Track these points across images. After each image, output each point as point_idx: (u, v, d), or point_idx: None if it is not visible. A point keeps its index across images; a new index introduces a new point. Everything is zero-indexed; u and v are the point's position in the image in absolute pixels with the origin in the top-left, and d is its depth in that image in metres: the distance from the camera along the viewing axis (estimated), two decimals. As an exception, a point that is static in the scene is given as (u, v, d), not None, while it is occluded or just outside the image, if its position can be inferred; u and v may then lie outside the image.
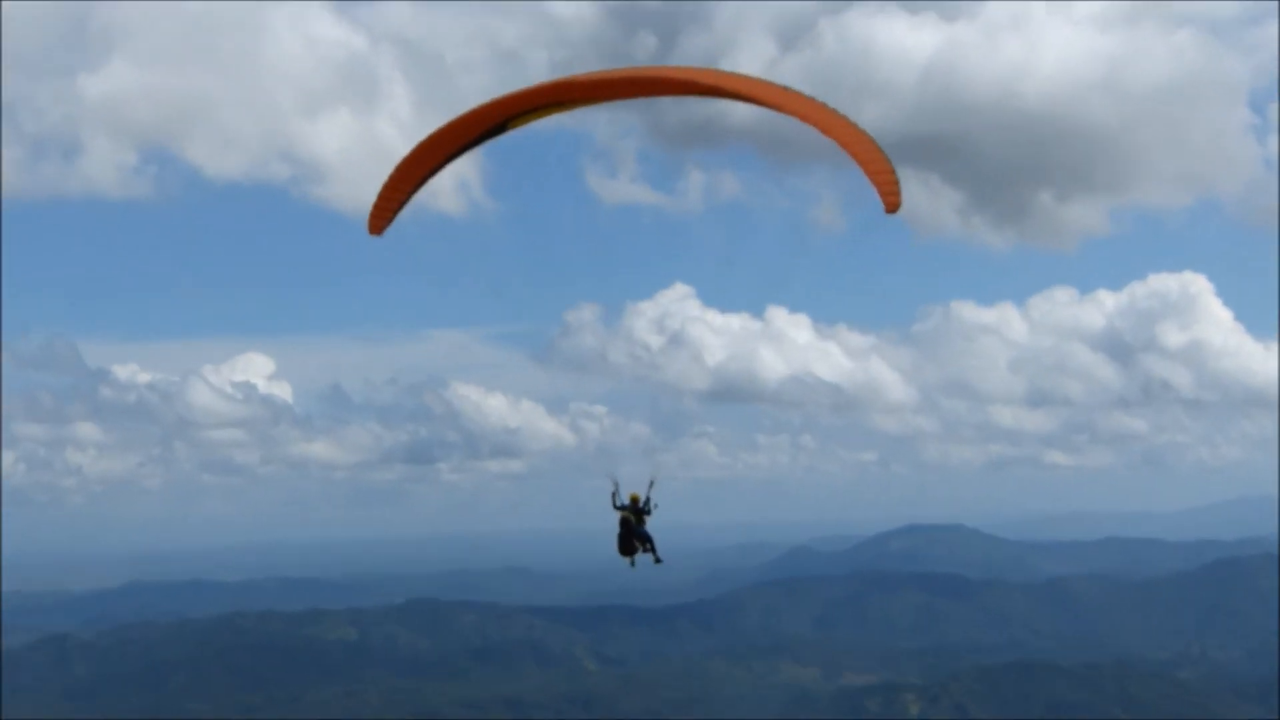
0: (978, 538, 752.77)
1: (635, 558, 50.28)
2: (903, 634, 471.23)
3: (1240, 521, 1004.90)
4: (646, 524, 50.27)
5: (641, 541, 50.09)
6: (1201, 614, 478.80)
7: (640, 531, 49.96)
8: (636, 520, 49.97)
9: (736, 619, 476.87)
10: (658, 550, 50.27)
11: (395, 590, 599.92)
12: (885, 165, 42.32)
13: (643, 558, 51.07)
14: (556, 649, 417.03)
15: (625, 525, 49.75)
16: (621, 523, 49.75)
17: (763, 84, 43.55)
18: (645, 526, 50.12)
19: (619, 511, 49.85)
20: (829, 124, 42.47)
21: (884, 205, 42.52)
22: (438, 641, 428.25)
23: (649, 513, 50.01)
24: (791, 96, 43.02)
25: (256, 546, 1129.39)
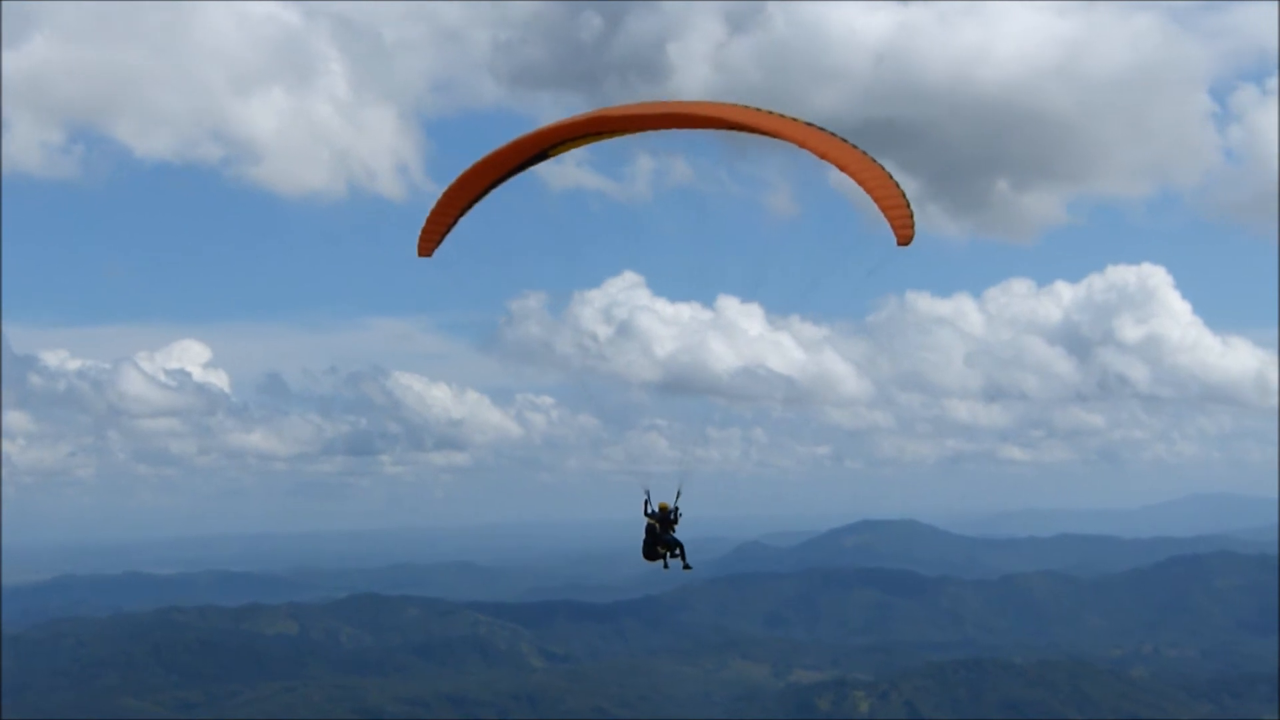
0: (931, 534, 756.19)
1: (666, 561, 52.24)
2: (854, 631, 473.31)
3: (1196, 519, 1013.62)
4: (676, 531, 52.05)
5: (668, 547, 51.82)
6: (1156, 612, 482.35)
7: (667, 538, 51.64)
8: (664, 528, 51.58)
9: (685, 615, 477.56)
10: (686, 557, 52.25)
11: (337, 585, 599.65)
12: (900, 200, 43.59)
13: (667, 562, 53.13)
14: (501, 645, 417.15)
15: (650, 532, 51.60)
16: (647, 529, 51.61)
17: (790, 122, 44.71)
18: (674, 534, 51.92)
19: (648, 519, 51.66)
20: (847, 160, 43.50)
21: (896, 238, 43.79)
22: (380, 637, 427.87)
23: (677, 520, 51.66)
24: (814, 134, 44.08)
25: (193, 539, 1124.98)
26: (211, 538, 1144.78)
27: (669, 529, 51.67)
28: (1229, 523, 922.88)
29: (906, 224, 43.73)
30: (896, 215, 43.70)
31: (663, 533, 51.64)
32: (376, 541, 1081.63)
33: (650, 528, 51.73)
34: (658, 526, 51.65)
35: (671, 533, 51.73)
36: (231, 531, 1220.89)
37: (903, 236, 43.85)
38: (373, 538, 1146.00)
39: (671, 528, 51.69)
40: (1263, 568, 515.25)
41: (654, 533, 51.64)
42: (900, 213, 43.70)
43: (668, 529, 51.65)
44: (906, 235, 43.82)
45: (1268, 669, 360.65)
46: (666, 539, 51.75)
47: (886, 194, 43.72)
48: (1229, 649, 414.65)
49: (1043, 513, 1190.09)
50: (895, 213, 43.65)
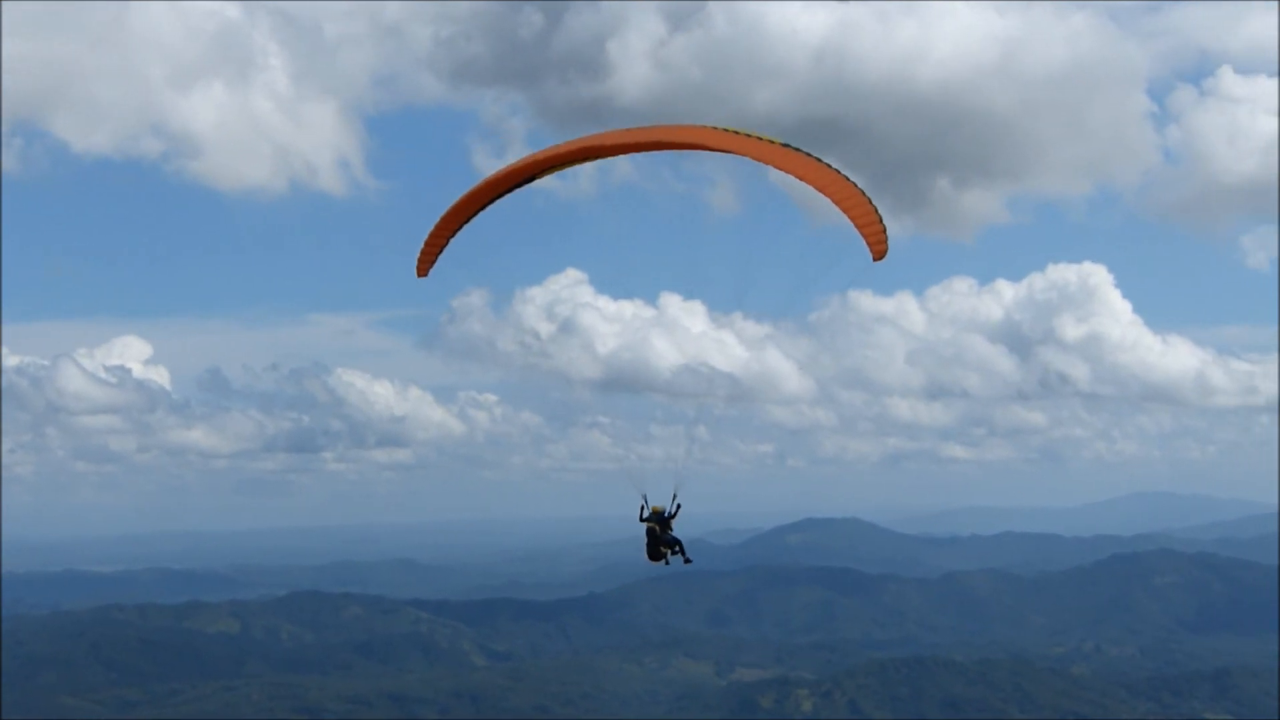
0: (874, 532, 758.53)
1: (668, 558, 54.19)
2: (797, 629, 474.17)
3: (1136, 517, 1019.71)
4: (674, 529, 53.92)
5: (669, 547, 53.71)
6: (1097, 610, 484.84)
7: (667, 538, 53.55)
8: (662, 529, 53.45)
9: (628, 613, 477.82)
10: (686, 551, 54.18)
11: (277, 582, 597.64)
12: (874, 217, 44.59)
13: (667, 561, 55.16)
14: (443, 643, 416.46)
15: (651, 535, 53.44)
16: (648, 533, 53.41)
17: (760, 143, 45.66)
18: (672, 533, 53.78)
19: (645, 523, 53.52)
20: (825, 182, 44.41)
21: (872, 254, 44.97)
22: (321, 635, 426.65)
23: (674, 516, 53.41)
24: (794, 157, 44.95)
25: (133, 537, 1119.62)
26: (152, 535, 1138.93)
27: (668, 529, 53.40)
28: (1169, 521, 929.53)
29: (881, 239, 45.07)
30: (871, 232, 44.90)
31: (663, 534, 53.44)
32: (318, 539, 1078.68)
33: (651, 531, 53.49)
34: (658, 529, 53.42)
35: (670, 532, 53.45)
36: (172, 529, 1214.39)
37: (878, 252, 45.20)
38: (314, 535, 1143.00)
39: (669, 527, 53.37)
40: (1202, 566, 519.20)
41: (655, 535, 53.47)
42: (875, 229, 44.85)
43: (667, 529, 53.39)
44: (881, 250, 45.17)
45: (1207, 667, 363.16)
46: (667, 539, 53.54)
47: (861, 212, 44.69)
48: (1169, 647, 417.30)
49: (985, 511, 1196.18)
50: (870, 230, 44.80)
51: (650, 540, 53.66)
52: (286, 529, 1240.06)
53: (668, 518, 53.41)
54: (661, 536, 53.62)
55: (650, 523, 53.50)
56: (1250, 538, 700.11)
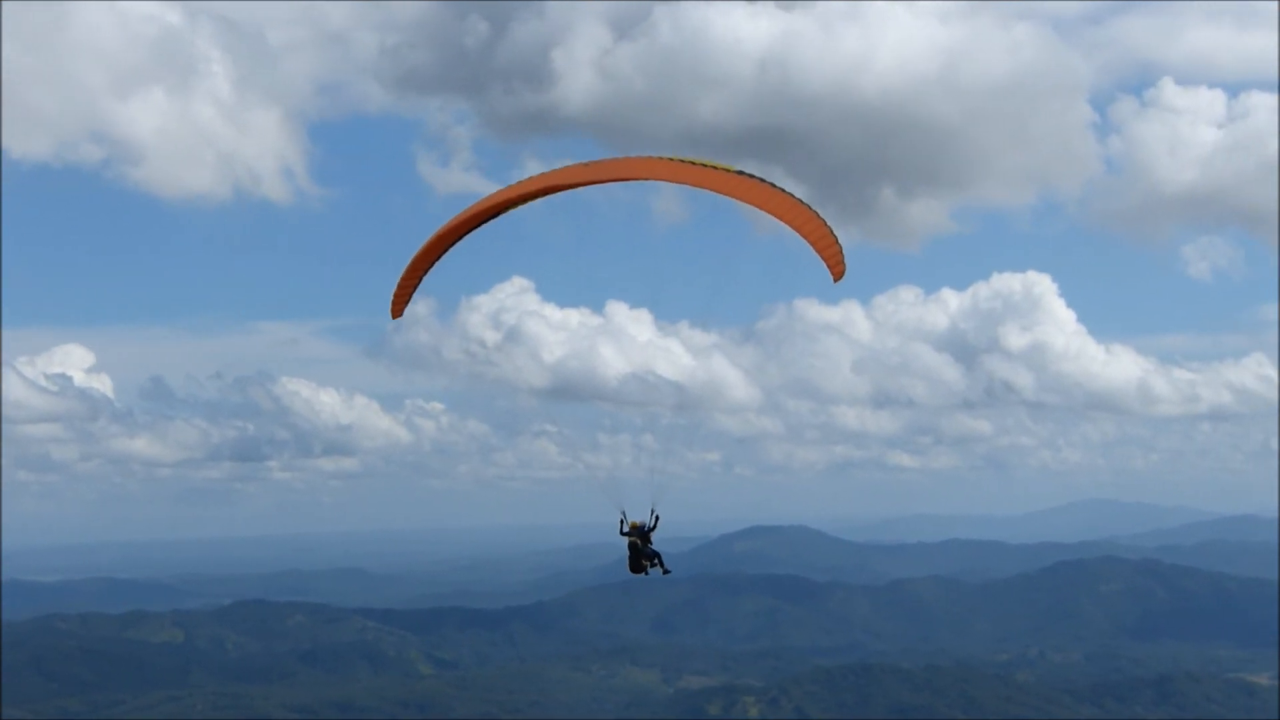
0: (821, 540, 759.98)
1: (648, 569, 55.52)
2: (744, 636, 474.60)
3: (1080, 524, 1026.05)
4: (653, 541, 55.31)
5: (649, 559, 55.19)
6: (1041, 616, 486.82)
7: (647, 551, 54.99)
8: (643, 541, 54.89)
9: (575, 621, 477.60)
10: (665, 563, 55.57)
11: (222, 592, 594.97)
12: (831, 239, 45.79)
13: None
14: (389, 652, 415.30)
15: (633, 549, 54.83)
16: (629, 547, 54.82)
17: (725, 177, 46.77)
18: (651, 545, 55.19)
19: (625, 538, 54.91)
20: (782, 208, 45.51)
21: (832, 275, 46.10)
22: (266, 644, 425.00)
23: (654, 529, 54.88)
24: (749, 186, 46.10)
25: (76, 547, 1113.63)
26: (95, 545, 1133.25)
27: (648, 542, 54.79)
28: (1112, 528, 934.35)
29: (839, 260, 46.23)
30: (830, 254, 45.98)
31: (644, 546, 54.78)
32: (263, 548, 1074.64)
33: (632, 545, 54.81)
34: (639, 543, 54.73)
35: (649, 544, 54.88)
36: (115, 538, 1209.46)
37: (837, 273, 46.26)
38: (260, 544, 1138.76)
39: (649, 540, 54.78)
40: (1145, 573, 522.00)
41: (637, 549, 54.81)
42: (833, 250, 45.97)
43: (647, 542, 54.80)
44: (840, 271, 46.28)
45: (1150, 673, 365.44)
46: (647, 552, 54.95)
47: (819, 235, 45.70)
48: (1112, 653, 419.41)
49: (931, 518, 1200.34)
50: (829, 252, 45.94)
51: (632, 554, 55.04)
52: (231, 538, 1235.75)
53: (648, 531, 54.79)
54: (643, 550, 54.94)
55: (631, 537, 54.80)
56: (1193, 545, 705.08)
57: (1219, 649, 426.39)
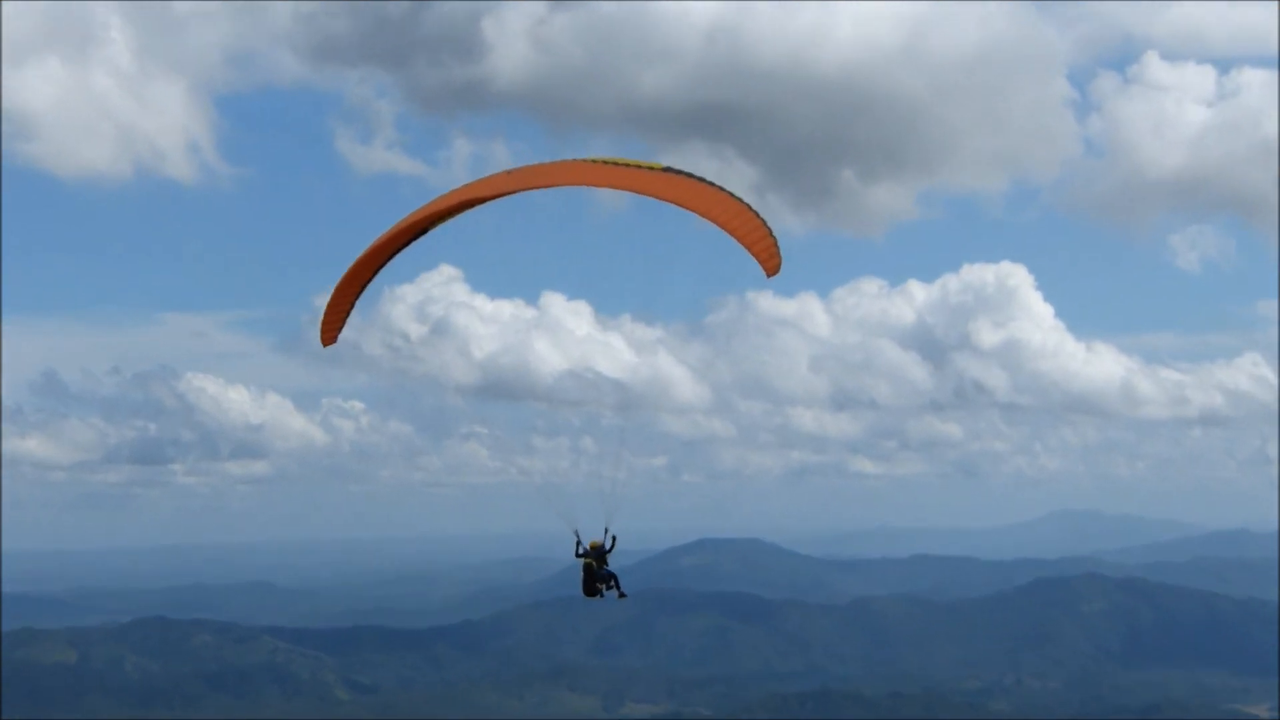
0: (776, 554, 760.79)
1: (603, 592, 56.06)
2: (692, 660, 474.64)
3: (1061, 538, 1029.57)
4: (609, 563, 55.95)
5: (604, 581, 55.87)
6: (1018, 639, 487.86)
7: (602, 573, 55.68)
8: (599, 563, 55.57)
9: (507, 642, 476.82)
10: (621, 586, 56.23)
11: (121, 608, 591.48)
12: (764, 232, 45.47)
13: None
14: (303, 675, 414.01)
15: (587, 570, 55.63)
16: (584, 569, 55.64)
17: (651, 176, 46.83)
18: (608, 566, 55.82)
19: (581, 559, 55.65)
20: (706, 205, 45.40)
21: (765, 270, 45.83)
22: (168, 665, 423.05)
23: (610, 550, 55.59)
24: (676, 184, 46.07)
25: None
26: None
27: (603, 564, 55.49)
28: (1096, 543, 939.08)
29: (772, 253, 45.86)
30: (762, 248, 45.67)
31: (599, 569, 55.45)
32: (166, 560, 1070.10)
33: (588, 567, 55.58)
34: (595, 564, 55.43)
35: (605, 566, 55.57)
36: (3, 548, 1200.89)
37: (771, 267, 45.96)
38: (161, 555, 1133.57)
39: (605, 562, 55.50)
40: (1131, 592, 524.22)
41: (592, 570, 55.65)
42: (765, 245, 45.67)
43: (603, 564, 55.48)
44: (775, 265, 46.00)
45: (1136, 701, 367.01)
46: (602, 574, 55.63)
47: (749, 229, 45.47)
48: (1095, 679, 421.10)
49: (896, 531, 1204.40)
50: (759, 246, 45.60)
51: (586, 576, 55.75)
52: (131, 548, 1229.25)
53: (605, 552, 55.46)
54: (597, 572, 55.64)
55: (588, 558, 55.49)
56: (1183, 561, 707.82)
57: (1212, 676, 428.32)
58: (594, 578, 55.74)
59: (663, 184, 46.05)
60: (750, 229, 45.92)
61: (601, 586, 55.94)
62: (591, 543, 55.43)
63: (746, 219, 46.08)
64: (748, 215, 46.16)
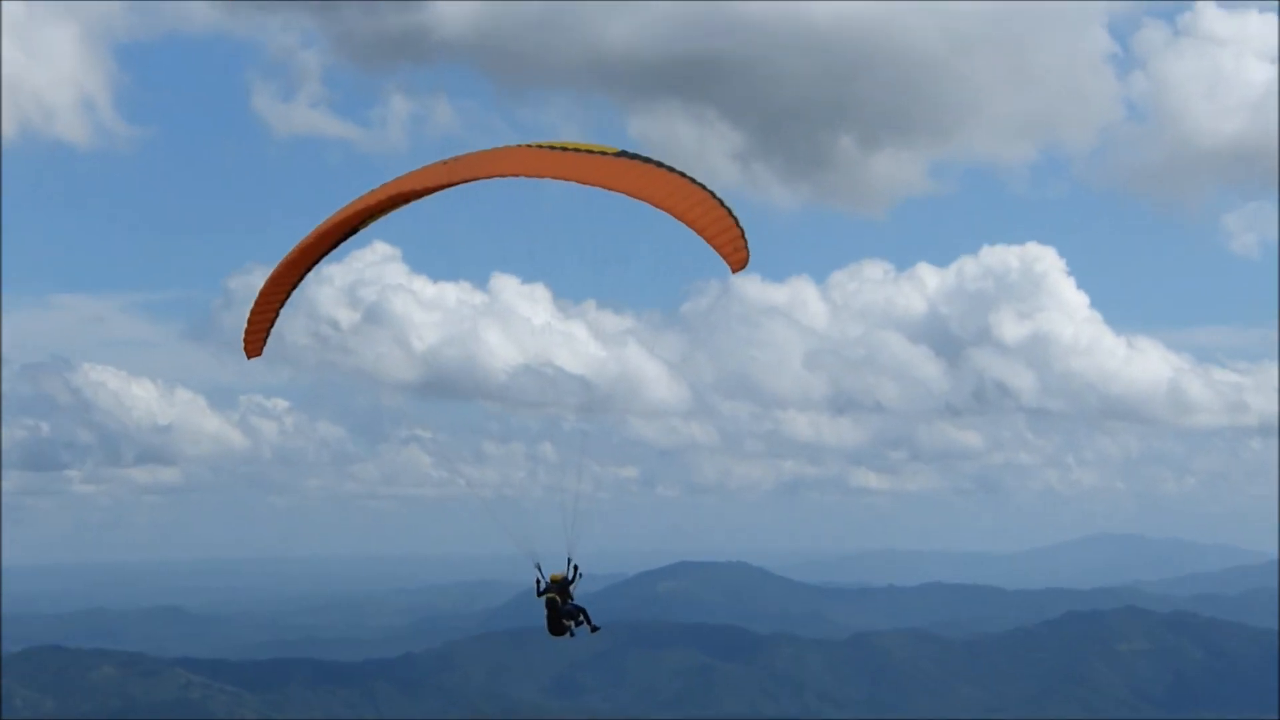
0: (765, 580, 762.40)
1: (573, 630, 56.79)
2: (668, 701, 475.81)
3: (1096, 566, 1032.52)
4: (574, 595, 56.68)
5: (572, 617, 56.60)
6: (1044, 681, 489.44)
7: (568, 609, 56.39)
8: (564, 598, 56.30)
9: (454, 678, 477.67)
10: (592, 619, 57.08)
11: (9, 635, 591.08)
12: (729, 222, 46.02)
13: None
14: (219, 713, 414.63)
15: (551, 607, 56.24)
16: (547, 605, 56.21)
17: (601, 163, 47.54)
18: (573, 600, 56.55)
19: (544, 596, 56.23)
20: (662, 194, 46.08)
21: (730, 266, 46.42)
22: (65, 702, 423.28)
23: (574, 582, 56.41)
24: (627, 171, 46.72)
25: None
26: None
27: (568, 598, 56.17)
28: (1136, 572, 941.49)
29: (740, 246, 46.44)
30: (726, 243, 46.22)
31: (564, 604, 56.24)
32: (61, 580, 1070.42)
33: (551, 602, 56.09)
34: (558, 599, 56.01)
35: (571, 600, 56.23)
36: None
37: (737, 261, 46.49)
38: (56, 575, 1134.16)
39: (570, 596, 56.17)
40: (1177, 629, 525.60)
41: (556, 606, 56.21)
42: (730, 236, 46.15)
43: (567, 598, 56.14)
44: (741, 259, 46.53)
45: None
46: (568, 609, 56.24)
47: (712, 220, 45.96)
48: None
49: (905, 555, 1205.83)
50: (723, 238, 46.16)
51: (551, 613, 56.12)
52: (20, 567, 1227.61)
53: (568, 584, 56.04)
54: (563, 608, 56.10)
55: (550, 594, 56.02)
56: (1236, 594, 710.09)
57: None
58: (560, 614, 56.02)
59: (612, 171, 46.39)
60: (713, 219, 46.38)
61: (570, 624, 56.29)
62: (552, 576, 55.84)
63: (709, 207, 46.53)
64: (710, 204, 46.60)
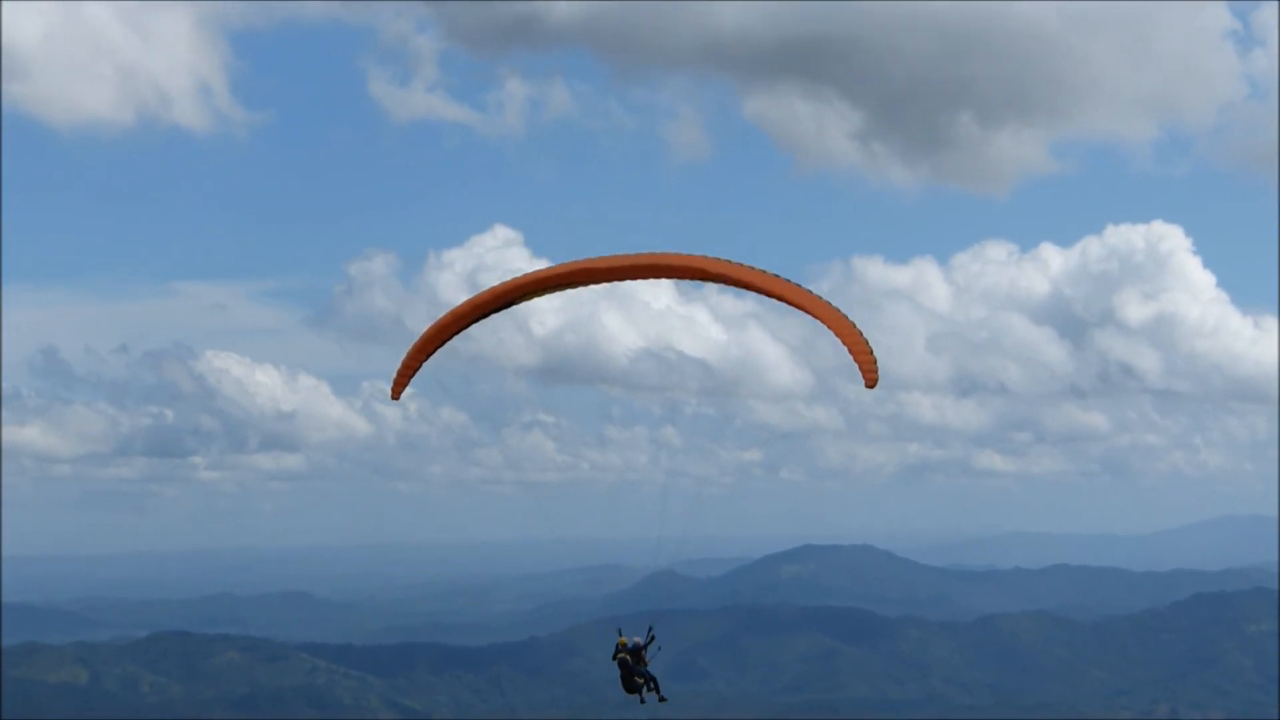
0: (890, 563, 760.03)
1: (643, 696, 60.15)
2: (791, 685, 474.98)
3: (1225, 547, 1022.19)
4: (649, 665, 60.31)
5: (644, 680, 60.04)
6: (1173, 665, 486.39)
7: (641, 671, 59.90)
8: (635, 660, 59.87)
9: (577, 663, 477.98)
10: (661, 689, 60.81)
11: (136, 621, 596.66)
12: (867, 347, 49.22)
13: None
14: (344, 698, 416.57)
15: (624, 667, 59.61)
16: (620, 665, 59.60)
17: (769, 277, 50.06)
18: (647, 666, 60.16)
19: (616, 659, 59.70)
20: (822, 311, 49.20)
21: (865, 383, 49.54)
22: (191, 687, 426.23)
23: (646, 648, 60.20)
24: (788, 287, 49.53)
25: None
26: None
27: (641, 661, 59.60)
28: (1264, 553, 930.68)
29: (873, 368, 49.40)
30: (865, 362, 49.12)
31: (635, 665, 59.72)
32: (187, 566, 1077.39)
33: (622, 662, 59.45)
34: (630, 659, 59.67)
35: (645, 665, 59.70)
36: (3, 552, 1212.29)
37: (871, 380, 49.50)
38: (183, 561, 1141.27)
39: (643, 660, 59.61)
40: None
41: (628, 666, 59.65)
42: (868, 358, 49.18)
43: (640, 662, 59.58)
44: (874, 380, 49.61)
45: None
46: (641, 672, 59.84)
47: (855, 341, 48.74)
48: (1263, 711, 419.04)
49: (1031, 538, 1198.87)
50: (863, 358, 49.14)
51: (624, 672, 59.45)
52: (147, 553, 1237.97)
53: (640, 649, 59.49)
54: (634, 669, 59.52)
55: (622, 655, 59.51)
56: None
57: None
58: (632, 674, 59.28)
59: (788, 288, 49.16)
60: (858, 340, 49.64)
61: (643, 684, 59.57)
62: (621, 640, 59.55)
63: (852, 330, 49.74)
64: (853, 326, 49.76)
